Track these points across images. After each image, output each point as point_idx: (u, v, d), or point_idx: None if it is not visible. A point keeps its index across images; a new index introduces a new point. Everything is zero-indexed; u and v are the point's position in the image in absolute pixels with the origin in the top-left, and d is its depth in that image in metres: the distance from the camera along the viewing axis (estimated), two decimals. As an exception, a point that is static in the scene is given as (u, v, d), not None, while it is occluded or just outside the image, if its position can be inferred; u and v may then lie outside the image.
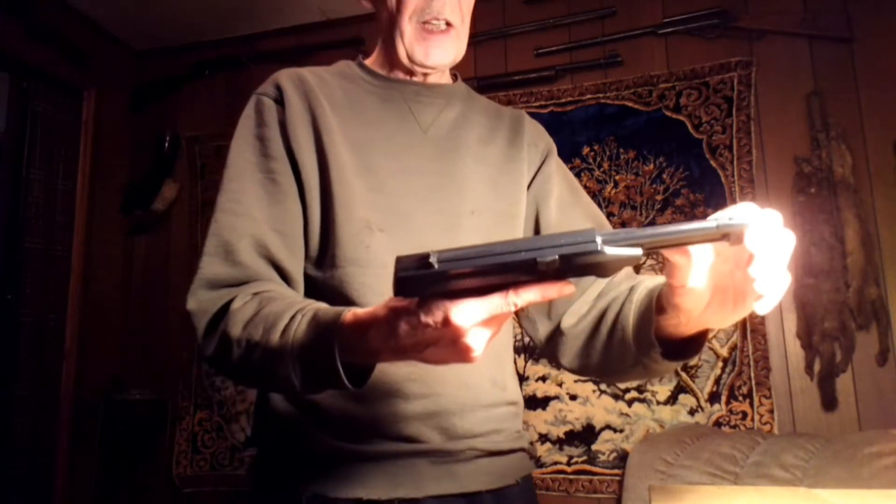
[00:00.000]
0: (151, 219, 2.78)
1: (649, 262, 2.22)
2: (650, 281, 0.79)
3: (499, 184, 0.95)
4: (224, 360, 0.76)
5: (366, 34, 2.65)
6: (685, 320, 0.66)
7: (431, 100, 0.96)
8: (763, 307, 0.54)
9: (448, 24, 0.90)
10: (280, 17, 2.71)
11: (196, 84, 2.87)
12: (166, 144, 2.77)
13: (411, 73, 0.95)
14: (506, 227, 0.93)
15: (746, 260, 0.53)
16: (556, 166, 1.01)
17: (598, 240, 0.48)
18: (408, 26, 0.90)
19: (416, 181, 0.89)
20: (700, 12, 2.30)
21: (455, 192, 0.90)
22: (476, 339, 0.54)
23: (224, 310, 0.77)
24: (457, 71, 1.02)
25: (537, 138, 1.02)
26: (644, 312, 0.76)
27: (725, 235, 0.51)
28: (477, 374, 0.86)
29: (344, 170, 0.85)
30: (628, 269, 0.92)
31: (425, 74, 0.95)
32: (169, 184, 2.76)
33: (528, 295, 0.52)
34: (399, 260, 0.51)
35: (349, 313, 0.64)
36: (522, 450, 0.93)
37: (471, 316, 0.52)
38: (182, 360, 2.65)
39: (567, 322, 0.91)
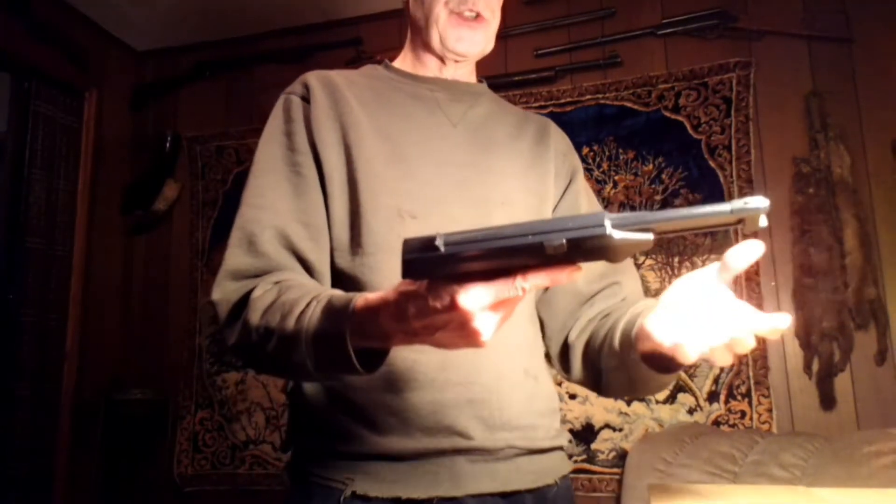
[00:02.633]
0: (152, 219, 2.79)
1: (648, 261, 2.23)
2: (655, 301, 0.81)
3: (528, 178, 0.96)
4: (245, 347, 0.77)
5: (365, 34, 2.65)
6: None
7: (459, 97, 0.98)
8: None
9: (479, 15, 0.93)
10: (280, 17, 2.71)
11: (197, 84, 2.87)
12: (167, 144, 2.77)
13: (442, 59, 0.97)
14: None
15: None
16: (583, 184, 1.04)
17: (607, 223, 0.47)
18: (442, 11, 0.92)
19: (447, 171, 0.90)
20: (699, 13, 2.30)
21: (486, 183, 0.92)
22: (485, 324, 0.54)
23: (245, 299, 0.78)
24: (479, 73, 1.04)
25: (566, 149, 1.05)
26: (631, 318, 0.78)
27: (741, 220, 0.49)
28: (510, 362, 0.87)
29: (373, 161, 0.87)
30: (640, 292, 0.96)
31: (456, 62, 0.97)
32: (170, 184, 2.76)
33: (537, 279, 0.51)
34: (406, 242, 0.50)
35: (360, 298, 0.64)
36: (561, 448, 0.94)
37: (478, 300, 0.51)
38: (183, 359, 2.65)
39: (573, 334, 0.94)
